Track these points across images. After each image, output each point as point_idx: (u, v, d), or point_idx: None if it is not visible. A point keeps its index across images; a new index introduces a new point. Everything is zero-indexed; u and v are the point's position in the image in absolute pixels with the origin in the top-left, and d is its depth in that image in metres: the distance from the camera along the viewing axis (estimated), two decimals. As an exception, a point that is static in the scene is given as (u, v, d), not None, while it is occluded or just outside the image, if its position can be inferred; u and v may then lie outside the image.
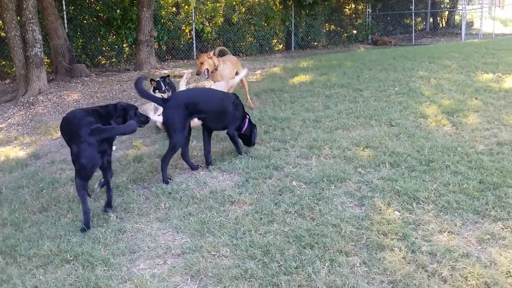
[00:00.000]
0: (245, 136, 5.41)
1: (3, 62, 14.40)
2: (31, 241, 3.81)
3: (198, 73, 7.07)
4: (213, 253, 3.45)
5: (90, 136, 3.90)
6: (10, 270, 3.44)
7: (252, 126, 5.43)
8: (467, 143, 5.25)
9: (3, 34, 13.66)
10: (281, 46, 19.73)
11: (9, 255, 3.64)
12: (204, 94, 5.34)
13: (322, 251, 3.36)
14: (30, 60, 10.32)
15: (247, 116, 5.43)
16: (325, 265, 3.20)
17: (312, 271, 3.13)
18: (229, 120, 5.21)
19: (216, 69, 6.95)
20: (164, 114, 4.86)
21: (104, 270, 3.34)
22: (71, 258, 3.50)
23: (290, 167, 4.91)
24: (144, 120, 4.66)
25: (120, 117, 4.42)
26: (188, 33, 16.96)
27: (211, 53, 6.93)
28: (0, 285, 3.27)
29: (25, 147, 6.78)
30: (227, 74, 7.03)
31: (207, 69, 6.91)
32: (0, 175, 5.58)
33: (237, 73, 7.48)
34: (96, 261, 3.43)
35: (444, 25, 25.97)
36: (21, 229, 4.04)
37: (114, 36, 15.74)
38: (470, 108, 6.57)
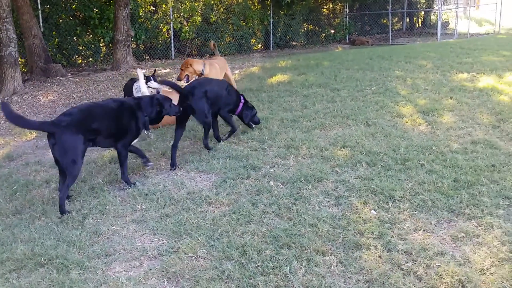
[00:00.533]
0: (241, 118, 6.02)
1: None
2: (4, 245, 3.73)
3: (178, 79, 7.33)
4: (190, 255, 3.43)
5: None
6: (-18, 274, 3.37)
7: (245, 108, 5.97)
8: (442, 142, 5.32)
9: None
10: (259, 45, 19.75)
11: (-19, 260, 3.56)
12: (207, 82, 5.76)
13: (299, 251, 3.36)
14: (4, 60, 10.15)
15: (242, 100, 5.98)
16: (302, 265, 3.21)
17: (289, 271, 3.13)
18: (222, 103, 5.71)
19: (201, 74, 7.01)
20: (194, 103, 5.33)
21: (79, 273, 3.30)
22: (45, 262, 3.44)
23: (268, 167, 4.91)
24: (178, 110, 5.16)
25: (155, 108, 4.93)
26: (166, 33, 16.85)
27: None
28: (-29, 291, 3.20)
29: (-2, 149, 6.66)
30: (214, 77, 7.06)
31: (187, 75, 7.11)
32: (-27, 177, 5.46)
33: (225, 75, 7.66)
34: (71, 265, 3.38)
35: (420, 25, 26.29)
36: (-6, 233, 3.96)
37: (91, 36, 15.54)
38: (445, 107, 6.66)
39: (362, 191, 4.23)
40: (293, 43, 20.71)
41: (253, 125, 6.17)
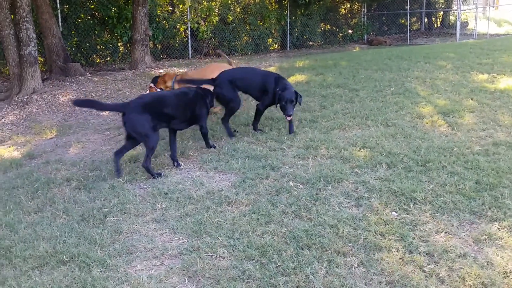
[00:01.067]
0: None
1: (-3, 61, 14.33)
2: (27, 242, 3.78)
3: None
4: (210, 254, 3.44)
5: None
6: (5, 271, 3.41)
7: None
8: (463, 144, 5.26)
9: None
10: (276, 45, 19.73)
11: (4, 257, 3.60)
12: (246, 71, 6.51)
13: (319, 252, 3.35)
14: (24, 59, 10.27)
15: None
16: (323, 266, 3.20)
17: (310, 272, 3.12)
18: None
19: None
20: (216, 89, 5.95)
21: (100, 271, 3.32)
22: (67, 260, 3.48)
23: (287, 167, 4.90)
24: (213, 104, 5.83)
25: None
26: (183, 32, 16.92)
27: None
28: (-5, 287, 3.24)
29: (19, 147, 6.74)
30: None
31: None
32: (-5, 175, 5.54)
33: None
34: (92, 263, 3.41)
35: (439, 25, 26.07)
36: (16, 230, 4.00)
37: (109, 35, 15.68)
38: (465, 108, 6.59)
39: (382, 192, 4.20)
40: (310, 43, 20.66)
41: None
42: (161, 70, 12.80)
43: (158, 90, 7.68)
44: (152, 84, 7.72)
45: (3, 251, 3.66)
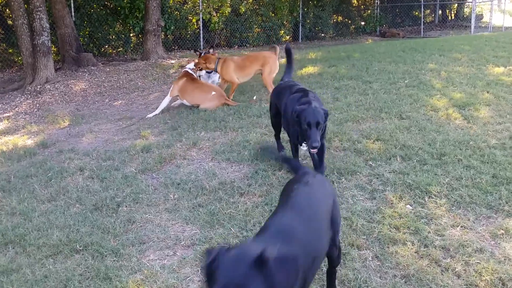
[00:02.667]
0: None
1: (10, 50, 14.39)
2: (40, 231, 3.79)
3: None
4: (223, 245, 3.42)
5: None
6: (19, 259, 3.43)
7: None
8: (479, 137, 5.19)
9: (10, 22, 13.65)
10: (288, 37, 19.61)
11: (18, 245, 3.62)
12: None
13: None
14: (37, 49, 10.29)
15: None
16: (337, 259, 3.17)
17: (324, 265, 3.09)
18: None
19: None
20: None
21: (114, 260, 3.33)
22: (81, 248, 3.49)
23: (300, 159, 4.86)
24: None
25: None
26: (195, 23, 16.87)
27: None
28: (9, 274, 3.25)
29: (32, 136, 6.76)
30: None
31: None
32: (9, 163, 5.56)
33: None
34: (105, 252, 3.41)
35: (453, 17, 25.79)
36: (30, 219, 4.02)
37: (121, 25, 15.68)
38: (481, 101, 6.49)
39: (397, 185, 4.15)
40: (322, 34, 20.52)
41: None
42: (172, 61, 12.78)
43: (196, 73, 7.73)
44: (188, 68, 7.70)
45: (18, 239, 3.67)
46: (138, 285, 3.05)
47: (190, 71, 7.55)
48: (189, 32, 16.78)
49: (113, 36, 15.53)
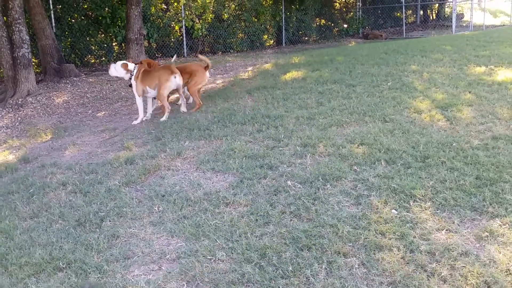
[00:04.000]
0: None
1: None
2: (22, 249, 3.72)
3: None
4: (209, 257, 3.39)
5: None
6: (1, 279, 3.35)
7: None
8: (462, 138, 5.21)
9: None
10: (272, 41, 19.65)
11: (-1, 264, 3.55)
12: None
13: (319, 253, 3.30)
14: (17, 61, 10.18)
15: None
16: (323, 268, 3.15)
17: (311, 274, 3.08)
18: None
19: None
20: None
21: (98, 277, 3.27)
22: (64, 266, 3.43)
23: (285, 166, 4.85)
24: None
25: None
26: (178, 30, 16.83)
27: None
28: (-10, 297, 3.19)
29: (14, 151, 6.67)
30: None
31: None
32: (-10, 180, 5.47)
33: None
34: (89, 269, 3.36)
35: (434, 17, 26.03)
36: (12, 237, 3.94)
37: (103, 35, 15.57)
38: (463, 102, 6.54)
39: (382, 190, 4.15)
40: (306, 38, 20.59)
41: None
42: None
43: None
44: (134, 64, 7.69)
45: (-1, 259, 3.60)
46: (123, 302, 3.01)
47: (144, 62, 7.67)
48: (172, 39, 16.73)
49: (95, 46, 15.42)
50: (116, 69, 7.45)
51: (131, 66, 7.44)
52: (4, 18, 10.24)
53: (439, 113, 6.14)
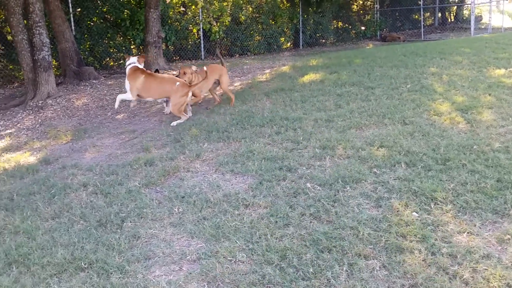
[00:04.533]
0: None
1: (11, 66, 14.44)
2: (45, 249, 3.76)
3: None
4: (229, 259, 3.40)
5: None
6: (23, 279, 3.40)
7: None
8: (483, 141, 5.16)
9: (10, 38, 13.70)
10: (289, 44, 19.65)
11: (22, 264, 3.59)
12: None
13: (340, 255, 3.29)
14: (38, 64, 10.32)
15: None
16: (343, 269, 3.14)
17: (331, 276, 3.07)
18: None
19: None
20: None
21: (119, 277, 3.30)
22: (86, 266, 3.46)
23: (304, 168, 4.84)
24: None
25: None
26: (195, 33, 16.92)
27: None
28: (15, 295, 3.23)
29: (35, 152, 6.76)
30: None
31: None
32: (11, 181, 5.55)
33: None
34: (111, 269, 3.39)
35: (452, 19, 25.79)
36: (34, 237, 3.99)
37: (122, 38, 15.73)
38: (484, 104, 6.47)
39: (402, 193, 4.12)
40: (323, 40, 20.55)
41: None
42: (174, 72, 12.80)
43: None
44: (136, 63, 7.52)
45: (21, 259, 3.64)
46: (144, 302, 3.03)
47: (139, 66, 7.50)
48: (190, 42, 16.83)
49: (114, 49, 15.58)
50: None
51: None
52: (25, 21, 10.40)
53: (459, 115, 6.08)
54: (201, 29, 16.54)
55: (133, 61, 7.46)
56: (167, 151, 5.94)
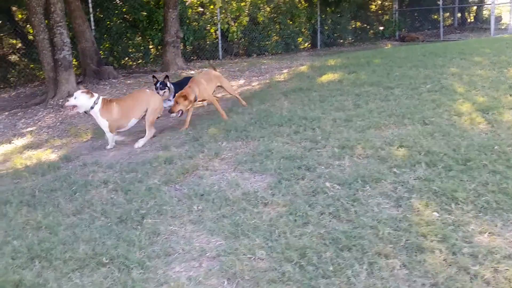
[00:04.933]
0: None
1: (32, 65, 14.67)
2: (66, 244, 3.82)
3: (170, 112, 7.25)
4: (248, 256, 3.41)
5: None
6: (46, 274, 3.45)
7: None
8: (504, 142, 5.09)
9: (31, 37, 13.91)
10: (307, 44, 19.62)
11: (44, 259, 3.65)
12: None
13: (360, 254, 3.28)
14: (59, 63, 10.49)
15: None
16: (363, 268, 3.13)
17: (352, 274, 3.07)
18: None
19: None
20: None
21: (140, 273, 3.34)
22: (107, 261, 3.51)
23: (323, 167, 4.83)
24: None
25: None
26: (213, 33, 16.99)
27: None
28: (37, 289, 3.29)
29: (56, 150, 6.86)
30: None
31: (181, 110, 6.95)
32: (33, 178, 5.64)
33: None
34: (131, 264, 3.43)
35: (472, 20, 25.51)
36: (56, 233, 4.05)
37: (140, 38, 15.87)
38: (505, 105, 6.39)
39: (422, 192, 4.09)
40: (341, 41, 20.47)
41: None
42: (192, 72, 12.87)
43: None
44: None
45: (44, 254, 3.70)
46: (165, 297, 3.06)
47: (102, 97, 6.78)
48: (208, 42, 16.91)
49: (133, 49, 15.72)
50: None
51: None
52: (46, 21, 10.56)
53: (480, 116, 6.01)
54: (219, 29, 16.60)
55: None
56: (186, 149, 5.98)
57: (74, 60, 13.15)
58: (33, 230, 4.17)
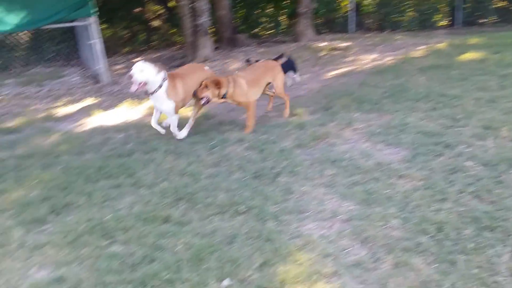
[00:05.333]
0: None
1: (172, 30, 15.53)
2: (207, 191, 4.09)
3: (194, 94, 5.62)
4: (381, 223, 3.41)
5: None
6: (190, 214, 3.74)
7: None
8: None
9: (173, 3, 14.67)
10: (444, 22, 18.54)
11: (188, 201, 3.94)
12: None
13: (504, 235, 3.13)
14: (198, 29, 10.98)
15: None
16: (507, 250, 2.98)
17: (493, 254, 2.94)
18: None
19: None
20: None
21: (274, 224, 3.49)
22: (244, 211, 3.70)
23: (463, 146, 4.60)
24: None
25: None
26: (345, 6, 16.68)
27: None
28: (182, 226, 3.56)
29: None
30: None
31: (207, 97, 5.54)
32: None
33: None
34: (266, 216, 3.59)
35: None
36: (197, 180, 4.35)
37: (273, 8, 16.07)
38: None
39: None
40: (483, 20, 19.04)
41: None
42: (322, 44, 12.78)
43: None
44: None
45: (188, 197, 4.00)
46: (299, 249, 3.17)
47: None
48: (339, 15, 16.66)
49: (265, 19, 15.98)
50: None
51: None
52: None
53: None
54: (354, 2, 16.23)
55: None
56: (317, 117, 6.02)
57: (211, 27, 13.70)
58: (178, 176, 4.51)
